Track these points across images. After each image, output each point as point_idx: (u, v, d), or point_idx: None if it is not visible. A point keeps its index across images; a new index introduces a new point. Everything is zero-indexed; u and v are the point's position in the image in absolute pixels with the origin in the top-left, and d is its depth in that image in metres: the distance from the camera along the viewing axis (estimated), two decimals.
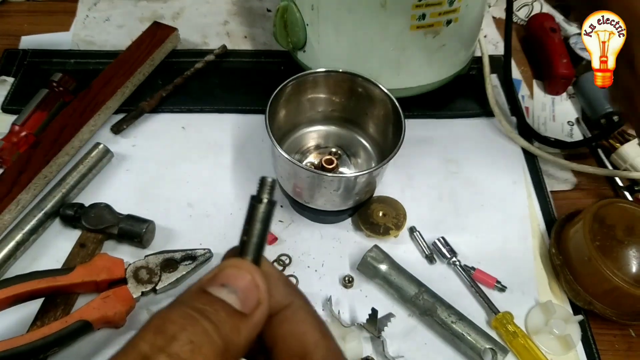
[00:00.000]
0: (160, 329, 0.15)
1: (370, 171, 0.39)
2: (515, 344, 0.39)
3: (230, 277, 0.16)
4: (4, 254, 0.40)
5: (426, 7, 0.44)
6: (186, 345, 0.14)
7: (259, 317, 0.16)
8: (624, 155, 0.51)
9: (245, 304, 0.16)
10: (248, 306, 0.16)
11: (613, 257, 0.39)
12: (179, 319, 0.15)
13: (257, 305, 0.16)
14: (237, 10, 0.65)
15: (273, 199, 0.18)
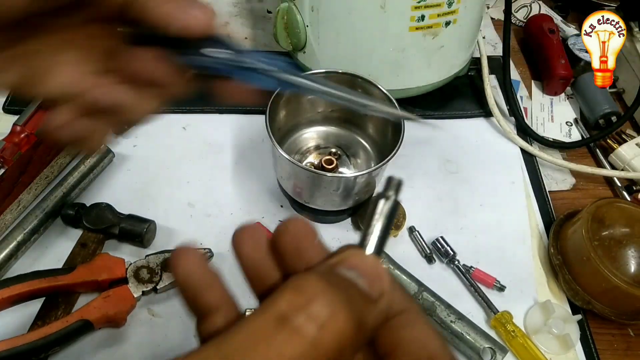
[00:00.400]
0: (299, 289, 0.14)
1: (370, 171, 0.39)
2: (514, 343, 0.39)
3: (356, 264, 0.16)
4: (5, 254, 0.40)
5: (425, 9, 0.44)
6: (326, 308, 0.14)
7: (383, 307, 0.16)
8: (621, 155, 0.52)
9: (371, 290, 0.16)
10: (374, 293, 0.16)
11: (611, 256, 0.39)
12: (318, 282, 0.14)
13: (382, 295, 0.16)
14: (238, 12, 0.65)
15: (398, 199, 0.18)
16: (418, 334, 0.17)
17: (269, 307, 0.14)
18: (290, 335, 0.13)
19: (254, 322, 0.14)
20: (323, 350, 0.13)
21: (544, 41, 0.60)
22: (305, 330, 0.13)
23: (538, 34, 0.61)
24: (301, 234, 0.18)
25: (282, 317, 0.14)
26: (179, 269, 0.18)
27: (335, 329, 0.14)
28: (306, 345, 0.13)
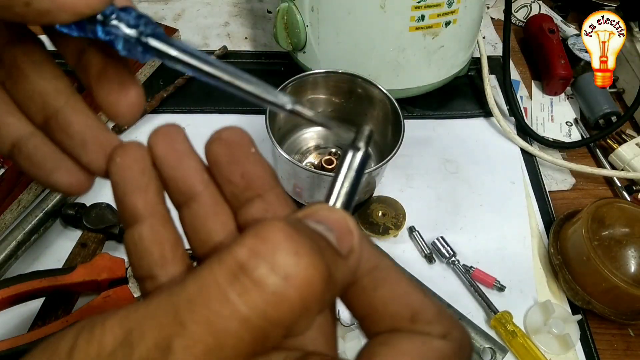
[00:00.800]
0: (262, 235, 0.12)
1: (370, 171, 0.39)
2: (514, 343, 0.39)
3: (324, 217, 0.14)
4: (5, 254, 0.40)
5: (425, 9, 0.44)
6: (291, 257, 0.12)
7: (353, 263, 0.14)
8: (621, 155, 0.52)
9: (341, 245, 0.14)
10: (344, 248, 0.14)
11: (611, 256, 0.39)
12: (284, 228, 0.12)
13: (352, 250, 0.14)
14: (238, 12, 0.65)
15: (369, 150, 0.16)
16: (395, 290, 0.15)
17: (227, 256, 0.12)
18: (249, 287, 0.12)
19: (208, 272, 0.12)
20: (285, 306, 0.12)
21: (544, 41, 0.60)
22: (267, 281, 0.12)
23: (538, 34, 0.61)
24: (235, 142, 0.17)
25: (241, 266, 0.12)
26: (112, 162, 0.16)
27: (301, 282, 0.12)
28: (266, 300, 0.11)
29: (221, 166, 0.17)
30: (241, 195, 0.17)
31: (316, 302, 0.12)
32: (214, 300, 0.12)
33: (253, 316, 0.11)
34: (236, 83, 0.16)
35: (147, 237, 0.16)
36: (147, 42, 0.16)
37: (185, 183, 0.17)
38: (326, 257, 0.13)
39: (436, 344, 0.14)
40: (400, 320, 0.14)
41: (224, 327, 0.11)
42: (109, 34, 0.16)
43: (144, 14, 0.17)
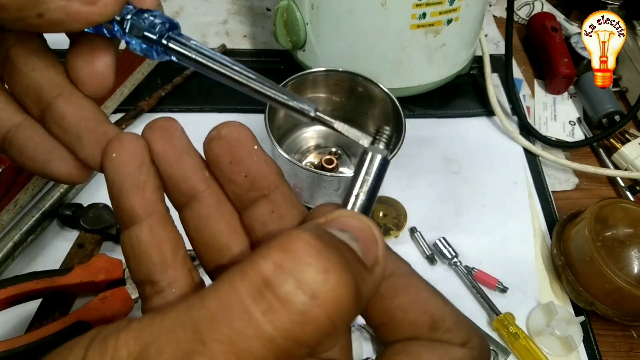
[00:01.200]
0: (289, 248, 0.11)
1: None
2: (516, 345, 0.39)
3: (349, 224, 0.13)
4: (1, 255, 0.40)
5: (426, 6, 0.43)
6: (320, 275, 0.11)
7: (378, 276, 0.13)
8: (625, 155, 0.51)
9: (366, 256, 0.13)
10: (369, 260, 0.13)
11: (615, 257, 0.39)
12: (312, 241, 0.11)
13: (377, 262, 0.13)
14: (237, 10, 0.64)
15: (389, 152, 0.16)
16: (414, 297, 0.14)
17: (250, 269, 0.11)
18: (275, 305, 0.11)
19: (230, 287, 0.11)
20: (312, 326, 0.11)
21: (546, 39, 0.59)
22: (294, 300, 0.11)
23: (541, 32, 0.61)
24: (236, 140, 0.16)
25: (266, 282, 0.11)
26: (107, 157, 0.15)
27: (330, 301, 0.11)
28: (292, 319, 0.11)
29: (222, 166, 0.16)
30: (245, 196, 0.16)
31: (344, 321, 0.12)
32: (237, 318, 0.11)
33: (278, 336, 0.11)
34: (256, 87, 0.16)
35: (146, 239, 0.15)
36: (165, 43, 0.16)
37: (186, 182, 0.16)
38: (354, 271, 0.12)
39: (457, 352, 0.14)
40: (420, 328, 0.14)
41: (247, 347, 0.11)
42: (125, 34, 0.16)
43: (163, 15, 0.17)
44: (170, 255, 0.15)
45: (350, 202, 0.15)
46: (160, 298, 0.15)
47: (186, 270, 0.16)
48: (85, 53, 0.17)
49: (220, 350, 0.11)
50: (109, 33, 0.16)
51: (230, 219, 0.16)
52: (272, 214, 0.16)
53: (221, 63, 0.16)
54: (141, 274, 0.16)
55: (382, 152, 0.15)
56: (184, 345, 0.11)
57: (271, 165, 0.16)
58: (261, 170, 0.16)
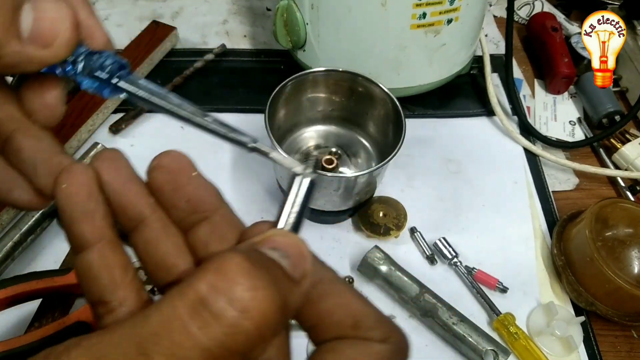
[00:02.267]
0: (221, 269, 0.13)
1: (371, 171, 0.39)
2: (516, 345, 0.38)
3: (280, 243, 0.15)
4: (1, 255, 0.40)
5: (427, 6, 0.43)
6: (249, 292, 0.13)
7: (305, 288, 0.15)
8: (625, 155, 0.51)
9: (295, 271, 0.15)
10: (297, 274, 0.15)
11: (615, 257, 0.39)
12: (242, 263, 0.13)
13: (304, 275, 0.15)
14: (237, 9, 0.64)
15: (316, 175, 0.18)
16: (338, 301, 0.16)
17: (188, 289, 0.13)
18: (209, 320, 0.12)
19: (170, 306, 0.13)
20: (243, 336, 0.13)
21: (546, 39, 0.59)
22: (225, 315, 0.13)
23: (541, 32, 0.61)
24: (176, 169, 0.17)
25: (202, 301, 0.13)
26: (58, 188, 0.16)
27: (256, 314, 0.13)
28: (225, 332, 0.12)
29: (165, 194, 0.17)
30: (188, 219, 0.18)
31: (271, 330, 0.13)
32: (177, 333, 0.12)
33: (213, 346, 0.12)
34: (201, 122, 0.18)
35: (96, 263, 0.16)
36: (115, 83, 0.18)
37: (134, 208, 0.17)
38: (281, 287, 0.14)
39: (377, 348, 0.15)
40: (344, 328, 0.16)
41: (186, 357, 0.12)
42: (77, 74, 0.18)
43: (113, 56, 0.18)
44: (119, 277, 0.17)
45: (282, 221, 0.17)
46: (111, 317, 0.17)
47: (135, 290, 0.17)
48: (36, 87, 0.19)
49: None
50: (63, 73, 0.18)
51: (176, 240, 0.18)
52: (213, 235, 0.18)
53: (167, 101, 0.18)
54: (94, 295, 0.17)
55: (310, 175, 0.17)
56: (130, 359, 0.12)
57: (210, 189, 0.18)
58: (200, 195, 0.17)
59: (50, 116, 0.19)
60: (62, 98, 0.19)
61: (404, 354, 0.16)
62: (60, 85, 0.19)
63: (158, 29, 0.57)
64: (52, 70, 0.18)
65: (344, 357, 0.15)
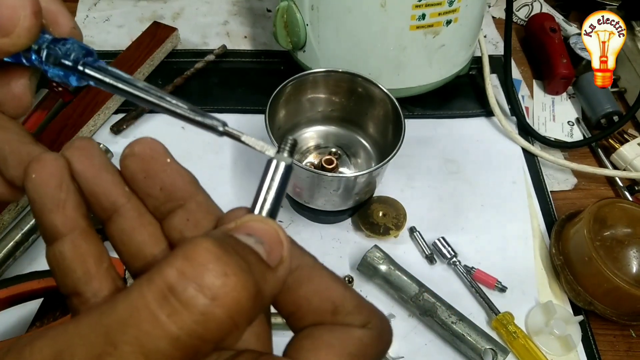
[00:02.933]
0: (190, 255, 0.13)
1: (370, 171, 0.39)
2: (515, 344, 0.39)
3: (255, 229, 0.15)
4: (3, 254, 0.40)
5: (426, 7, 0.44)
6: (219, 278, 0.12)
7: (282, 274, 0.15)
8: (623, 155, 0.51)
9: (270, 258, 0.14)
10: (273, 260, 0.14)
11: (613, 257, 0.39)
12: (212, 248, 0.13)
13: (281, 261, 0.14)
14: (237, 10, 0.65)
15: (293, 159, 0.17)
16: (317, 287, 0.15)
17: (156, 277, 0.12)
18: (178, 308, 0.12)
19: (138, 293, 0.12)
20: (214, 324, 0.12)
21: (545, 40, 0.59)
22: (195, 302, 0.12)
23: (539, 33, 0.61)
24: (149, 156, 0.17)
25: (170, 288, 0.12)
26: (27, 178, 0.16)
27: (227, 301, 0.12)
28: (195, 320, 0.12)
29: (139, 182, 0.17)
30: (163, 207, 0.17)
31: (244, 318, 0.13)
32: (145, 321, 0.12)
33: (183, 335, 0.12)
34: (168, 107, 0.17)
35: (69, 253, 0.16)
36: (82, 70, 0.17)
37: (107, 197, 0.17)
38: (255, 273, 0.13)
39: (356, 333, 0.15)
40: (323, 314, 0.15)
41: (155, 347, 0.12)
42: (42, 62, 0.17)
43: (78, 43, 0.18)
44: (93, 267, 0.16)
45: (257, 206, 0.16)
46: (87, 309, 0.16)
47: (110, 280, 0.16)
48: (1, 77, 0.18)
49: (130, 351, 0.12)
50: (28, 62, 0.17)
51: (152, 229, 0.17)
52: (188, 222, 0.17)
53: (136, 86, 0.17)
54: (67, 287, 0.16)
55: (286, 159, 0.17)
56: (96, 349, 0.12)
57: (185, 176, 0.17)
58: (175, 182, 0.17)
59: (18, 106, 0.19)
60: (29, 87, 0.19)
61: (385, 339, 0.16)
62: (26, 74, 0.19)
63: (159, 30, 0.57)
64: (17, 59, 0.17)
65: (322, 342, 0.15)
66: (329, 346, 0.14)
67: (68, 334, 0.12)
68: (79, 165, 0.16)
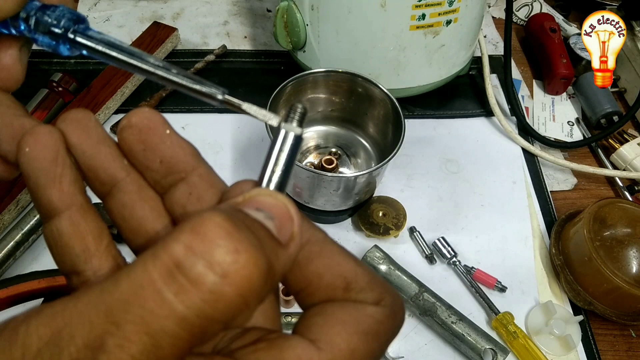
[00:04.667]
0: (199, 229, 0.12)
1: (370, 171, 0.39)
2: (515, 344, 0.39)
3: (265, 203, 0.14)
4: (3, 254, 0.40)
5: (426, 7, 0.44)
6: (230, 255, 0.11)
7: (293, 251, 0.14)
8: (623, 155, 0.51)
9: (281, 234, 0.13)
10: (284, 236, 0.13)
11: (613, 257, 0.39)
12: (222, 223, 0.12)
13: (292, 238, 0.14)
14: (238, 11, 0.65)
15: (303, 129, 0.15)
16: (328, 262, 0.15)
17: (162, 252, 0.12)
18: (186, 286, 0.11)
19: (142, 270, 0.11)
20: (224, 304, 0.11)
21: (545, 40, 0.59)
22: (204, 280, 0.11)
23: (539, 33, 0.61)
24: (147, 127, 0.16)
25: (177, 264, 0.11)
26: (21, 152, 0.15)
27: (238, 279, 0.11)
28: (204, 298, 0.11)
29: (137, 154, 0.16)
30: (163, 181, 0.16)
31: (255, 297, 0.12)
32: (150, 300, 0.11)
33: (190, 315, 0.11)
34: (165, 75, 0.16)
35: (67, 231, 0.15)
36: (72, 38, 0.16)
37: (106, 171, 0.16)
38: (266, 249, 0.12)
39: (369, 310, 0.14)
40: (335, 290, 0.14)
41: (161, 327, 0.11)
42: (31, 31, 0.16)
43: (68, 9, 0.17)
44: (93, 245, 0.15)
45: (265, 180, 0.15)
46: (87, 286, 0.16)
47: (111, 258, 0.16)
48: None
49: (133, 331, 0.11)
50: (17, 31, 0.17)
51: (154, 204, 0.16)
52: (191, 196, 0.16)
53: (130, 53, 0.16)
54: (66, 266, 0.16)
55: (295, 129, 0.15)
56: (97, 328, 0.11)
57: (185, 147, 0.16)
58: (175, 154, 0.16)
59: (8, 78, 0.18)
60: (19, 58, 0.18)
61: (399, 318, 0.15)
62: (16, 44, 0.18)
63: (159, 30, 0.57)
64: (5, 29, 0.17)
65: (335, 319, 0.14)
66: (342, 323, 0.14)
67: (67, 312, 0.12)
68: (75, 138, 0.16)
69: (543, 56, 0.60)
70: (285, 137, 0.15)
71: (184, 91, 0.16)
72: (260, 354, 0.13)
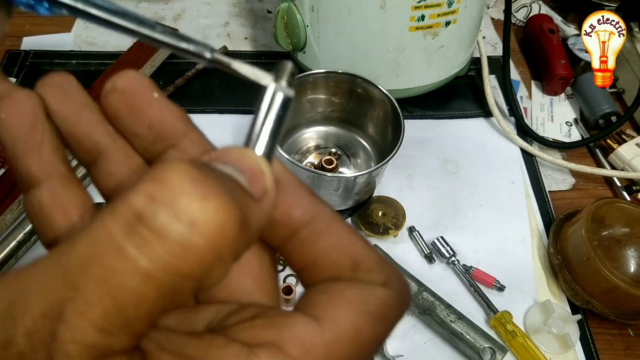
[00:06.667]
0: (160, 178, 0.10)
1: (370, 171, 0.39)
2: (514, 343, 0.39)
3: (233, 159, 0.13)
4: (5, 254, 0.40)
5: (425, 9, 0.44)
6: (197, 202, 0.10)
7: (267, 206, 0.13)
8: (621, 155, 0.52)
9: (252, 187, 0.12)
10: (256, 190, 0.12)
11: (611, 256, 0.39)
12: (187, 169, 0.10)
13: (265, 193, 0.13)
14: (238, 12, 0.65)
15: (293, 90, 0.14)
16: (336, 241, 0.14)
17: (120, 205, 0.10)
18: (149, 238, 0.10)
19: (100, 226, 0.10)
20: (194, 256, 0.10)
21: (543, 41, 0.60)
22: (169, 230, 0.10)
23: (538, 34, 0.61)
24: (133, 90, 0.14)
25: (138, 215, 0.10)
26: None
27: (210, 228, 0.10)
28: (170, 251, 0.10)
29: (123, 120, 0.15)
30: (152, 148, 0.15)
31: (230, 249, 0.11)
32: (109, 256, 0.10)
33: (156, 270, 0.10)
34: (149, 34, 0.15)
35: (47, 202, 0.14)
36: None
37: (90, 139, 0.15)
38: (238, 199, 0.11)
39: (377, 291, 0.13)
40: (341, 269, 0.14)
41: (124, 285, 0.10)
42: None
43: None
44: (76, 217, 0.14)
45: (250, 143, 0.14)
46: None
47: None
48: None
49: (93, 293, 0.10)
50: None
51: (142, 173, 0.15)
52: None
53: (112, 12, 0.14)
54: (48, 238, 0.15)
55: (286, 90, 0.14)
56: (54, 294, 0.10)
57: (175, 112, 0.15)
58: (165, 119, 0.15)
59: None
60: None
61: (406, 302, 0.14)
62: None
63: None
64: None
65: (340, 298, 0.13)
66: (348, 302, 0.13)
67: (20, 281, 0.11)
68: (55, 104, 0.14)
69: (541, 57, 0.60)
70: (273, 98, 0.14)
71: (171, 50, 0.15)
72: (257, 332, 0.12)
